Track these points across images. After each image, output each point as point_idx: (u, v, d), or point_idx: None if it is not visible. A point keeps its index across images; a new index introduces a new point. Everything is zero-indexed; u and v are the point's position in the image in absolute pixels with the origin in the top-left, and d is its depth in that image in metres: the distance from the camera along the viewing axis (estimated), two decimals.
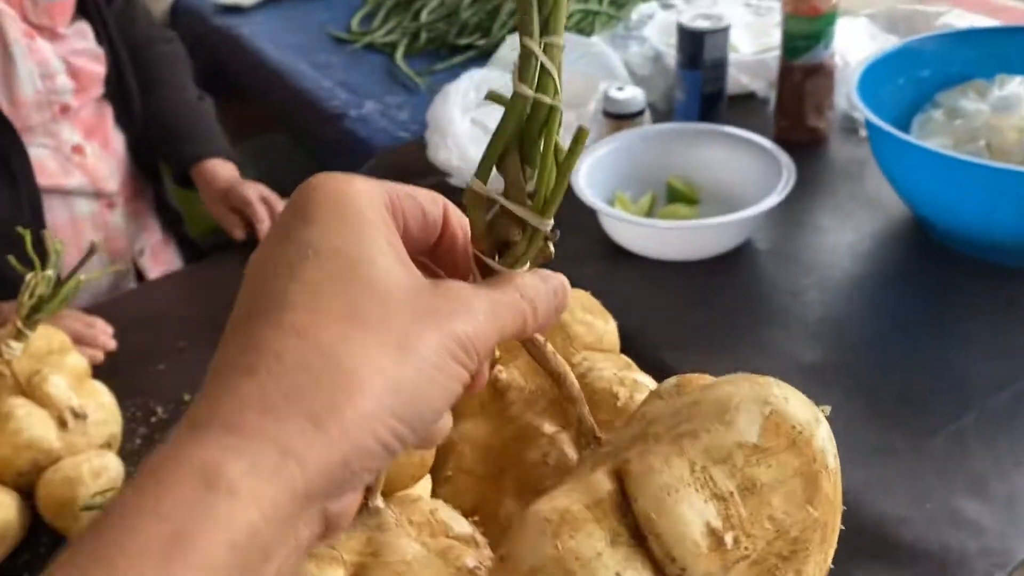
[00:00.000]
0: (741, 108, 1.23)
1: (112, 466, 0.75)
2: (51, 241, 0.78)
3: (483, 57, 1.51)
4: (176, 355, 0.95)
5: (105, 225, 1.18)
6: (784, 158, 1.00)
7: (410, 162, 1.20)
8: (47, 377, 0.76)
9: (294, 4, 1.74)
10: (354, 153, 1.31)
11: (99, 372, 0.85)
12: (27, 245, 0.78)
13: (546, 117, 0.30)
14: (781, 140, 1.10)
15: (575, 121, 1.17)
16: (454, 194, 0.32)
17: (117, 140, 1.21)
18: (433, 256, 0.33)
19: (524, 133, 0.31)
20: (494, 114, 1.25)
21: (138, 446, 0.84)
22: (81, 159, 1.14)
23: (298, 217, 0.28)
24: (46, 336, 0.82)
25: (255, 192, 1.14)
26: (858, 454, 0.73)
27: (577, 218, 1.01)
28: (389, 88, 1.44)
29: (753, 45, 1.30)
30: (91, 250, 0.78)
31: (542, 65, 0.30)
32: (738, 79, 1.22)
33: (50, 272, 0.78)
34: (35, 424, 0.73)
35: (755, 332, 0.89)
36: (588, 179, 1.02)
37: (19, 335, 0.77)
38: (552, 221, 0.32)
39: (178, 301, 1.05)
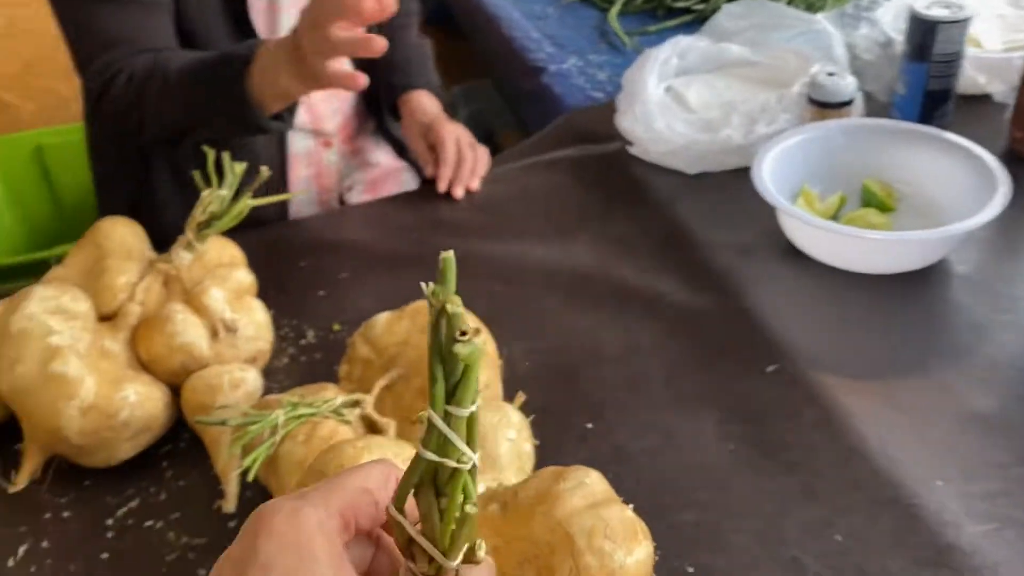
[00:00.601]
0: (971, 111, 1.09)
1: (251, 380, 0.79)
2: (230, 163, 0.83)
3: (699, 22, 1.44)
4: (336, 284, 0.99)
5: (318, 163, 1.20)
6: (1001, 172, 0.88)
7: (596, 125, 1.17)
8: (207, 289, 0.81)
9: None
10: (546, 109, 1.29)
11: (263, 291, 0.89)
12: (208, 163, 0.83)
13: (450, 476, 0.33)
14: (1011, 153, 0.97)
15: (775, 103, 1.09)
16: (630, 162, 0.30)
17: None
18: (385, 526, 0.36)
19: (437, 477, 0.33)
20: (693, 85, 1.19)
21: (284, 364, 0.89)
22: (307, 97, 1.16)
23: (255, 564, 0.31)
24: (218, 249, 0.88)
25: (452, 133, 1.12)
26: (1015, 527, 0.65)
27: (753, 206, 0.94)
28: (595, 46, 1.41)
29: (1002, 41, 1.15)
30: (262, 175, 0.82)
31: (444, 433, 0.32)
32: (974, 78, 1.09)
33: (224, 192, 0.83)
34: (189, 330, 0.79)
35: (926, 366, 0.80)
36: (773, 168, 0.95)
37: (189, 246, 0.83)
38: (459, 559, 0.34)
39: (353, 231, 1.09)
